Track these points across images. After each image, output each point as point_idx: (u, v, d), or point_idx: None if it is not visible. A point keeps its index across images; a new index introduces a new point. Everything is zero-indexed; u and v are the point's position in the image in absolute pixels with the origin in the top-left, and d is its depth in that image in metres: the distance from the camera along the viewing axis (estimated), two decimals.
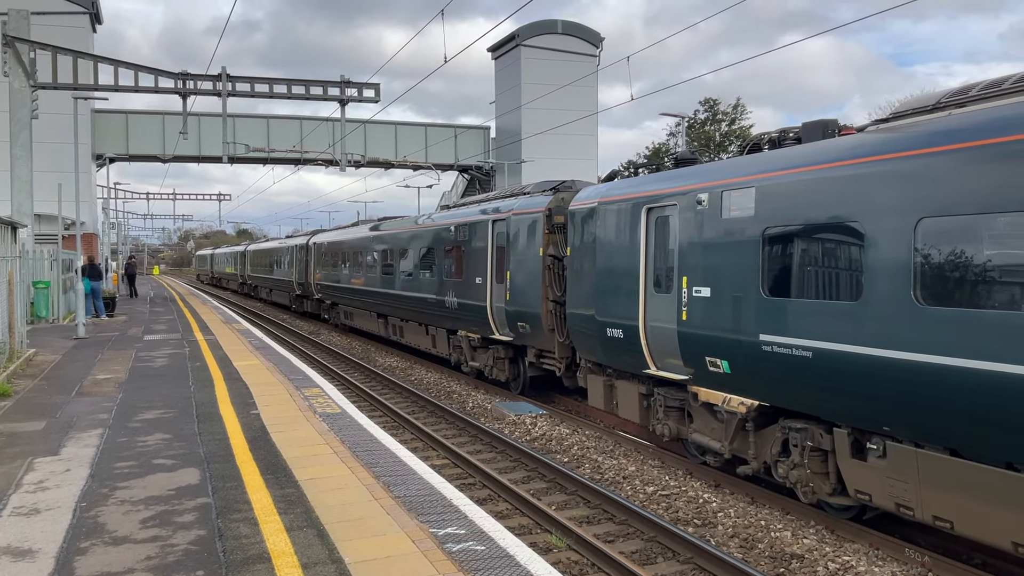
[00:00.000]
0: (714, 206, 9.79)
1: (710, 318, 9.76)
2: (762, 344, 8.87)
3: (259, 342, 20.40)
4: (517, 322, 15.77)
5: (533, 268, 15.18)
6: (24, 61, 24.54)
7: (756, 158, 9.66)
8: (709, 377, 9.95)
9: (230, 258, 70.02)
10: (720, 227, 9.72)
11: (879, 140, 7.83)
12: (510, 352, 16.98)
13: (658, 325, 10.91)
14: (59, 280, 27.31)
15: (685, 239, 10.34)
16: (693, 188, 10.27)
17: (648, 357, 11.23)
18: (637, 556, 8.29)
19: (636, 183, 12.10)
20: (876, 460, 7.79)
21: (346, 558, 5.72)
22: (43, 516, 6.66)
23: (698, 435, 10.66)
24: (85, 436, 9.60)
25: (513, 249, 15.96)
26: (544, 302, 14.81)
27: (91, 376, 14.45)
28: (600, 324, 12.33)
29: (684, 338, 10.29)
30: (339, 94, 27.03)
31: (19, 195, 25.06)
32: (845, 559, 7.98)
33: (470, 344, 18.47)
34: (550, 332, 14.84)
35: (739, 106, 64.78)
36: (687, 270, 10.25)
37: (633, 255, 11.54)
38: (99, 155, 43.27)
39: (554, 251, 14.78)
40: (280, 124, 46.14)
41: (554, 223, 14.87)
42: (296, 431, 9.86)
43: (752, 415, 9.43)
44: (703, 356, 9.92)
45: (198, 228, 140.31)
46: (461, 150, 48.30)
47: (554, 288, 14.72)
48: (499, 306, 16.51)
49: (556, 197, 15.14)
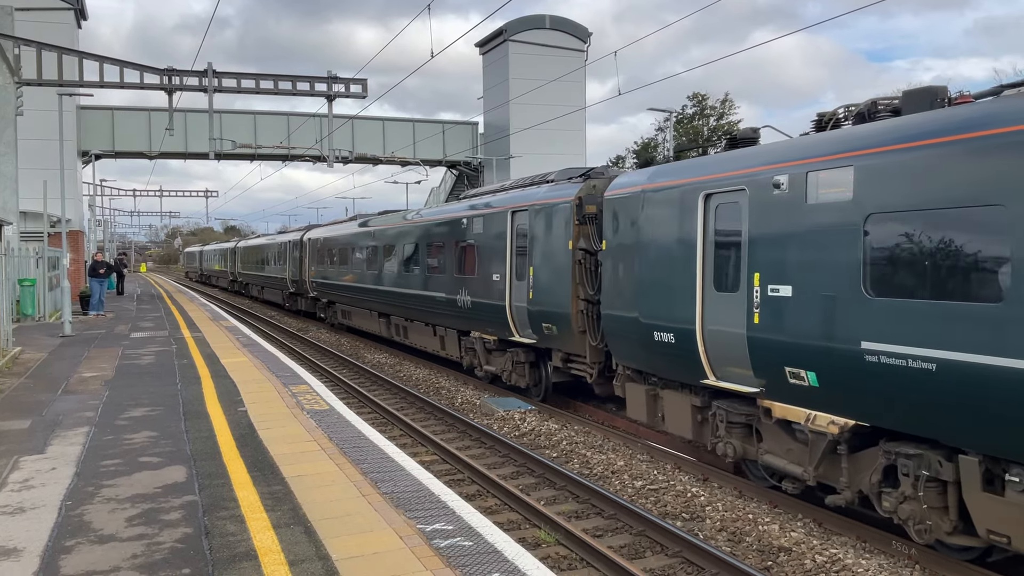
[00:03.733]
0: (797, 190, 8.41)
1: (792, 322, 8.39)
2: (865, 353, 7.50)
3: (247, 339, 20.33)
4: (541, 323, 14.44)
5: (561, 264, 13.83)
6: (8, 57, 24.33)
7: (853, 132, 8.22)
8: (788, 390, 8.58)
9: (220, 255, 68.12)
10: (806, 214, 8.31)
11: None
12: (531, 356, 15.61)
13: (720, 329, 9.57)
14: (45, 278, 27.13)
15: (757, 229, 8.96)
16: (767, 169, 8.87)
17: (706, 366, 9.85)
18: (626, 550, 8.31)
19: (687, 167, 10.75)
20: (1019, 495, 6.54)
21: (333, 555, 5.70)
22: (28, 515, 6.62)
23: (771, 457, 9.24)
24: (71, 434, 9.55)
25: (537, 243, 14.61)
26: (574, 301, 13.49)
27: (77, 374, 14.36)
28: (645, 327, 10.94)
29: (756, 345, 8.93)
30: (326, 90, 26.91)
31: (4, 192, 24.87)
32: (832, 552, 8.02)
33: (485, 347, 17.11)
34: (580, 334, 13.55)
35: (727, 101, 65.02)
36: (760, 266, 8.87)
37: (687, 249, 10.19)
38: (85, 152, 42.96)
39: (585, 245, 13.37)
40: (267, 120, 45.86)
41: (585, 213, 13.44)
42: (284, 428, 9.83)
43: (845, 436, 8.06)
44: (781, 366, 8.55)
45: (185, 225, 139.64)
46: (449, 146, 48.19)
47: (586, 286, 13.37)
48: (520, 305, 15.15)
49: (587, 185, 13.70)
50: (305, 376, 14.18)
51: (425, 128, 48.96)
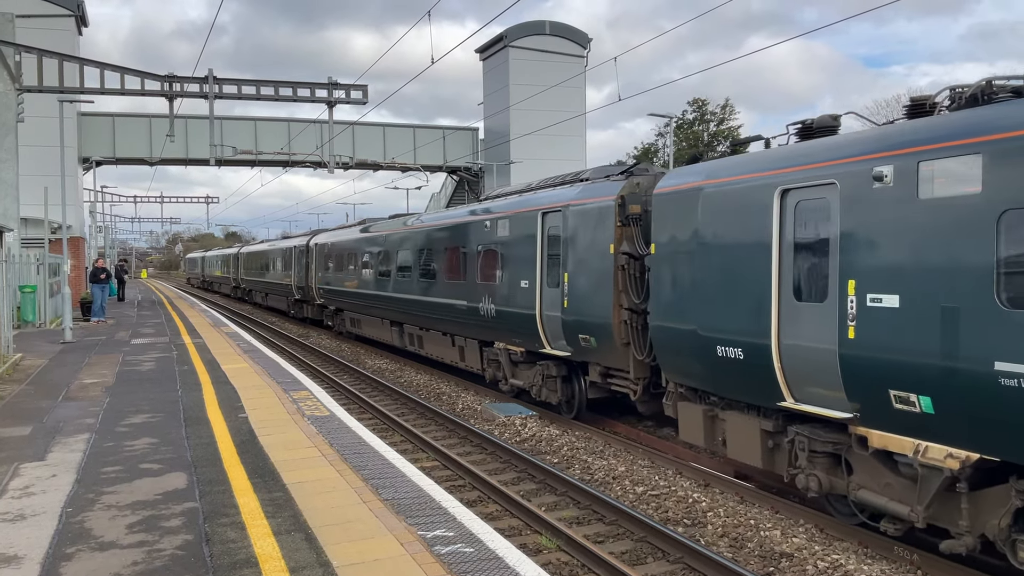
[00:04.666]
0: (905, 182, 7.26)
1: (900, 337, 7.24)
2: (999, 376, 6.41)
3: (248, 345, 20.32)
4: (578, 334, 13.27)
5: (601, 269, 12.67)
6: (9, 64, 24.37)
7: (980, 114, 6.98)
8: (891, 417, 7.48)
9: (222, 261, 67.02)
10: (918, 211, 7.16)
11: None
12: (563, 369, 14.43)
13: (802, 344, 8.45)
14: (45, 284, 27.15)
15: (852, 229, 7.82)
16: (865, 159, 7.71)
17: (783, 385, 8.72)
18: (627, 556, 8.29)
19: (754, 160, 9.61)
20: None
21: (334, 562, 5.69)
22: (28, 522, 6.61)
23: (867, 493, 8.09)
24: (71, 441, 9.54)
25: (572, 246, 13.42)
26: (616, 310, 12.31)
27: (78, 380, 14.36)
28: (705, 341, 9.78)
29: (851, 363, 7.78)
30: (327, 96, 26.93)
31: (5, 199, 24.86)
32: (834, 557, 8.01)
33: (510, 359, 15.88)
34: (623, 347, 12.38)
35: (727, 106, 65.12)
36: (856, 271, 7.73)
37: (758, 252, 9.03)
38: (86, 158, 43.03)
39: (629, 248, 12.20)
40: (268, 126, 45.93)
41: (628, 214, 12.30)
42: (284, 434, 9.82)
43: (967, 472, 6.96)
44: (884, 389, 7.44)
45: (186, 231, 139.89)
46: (449, 151, 48.25)
47: (630, 293, 12.21)
48: (552, 315, 13.96)
49: (630, 183, 12.57)
50: (306, 382, 14.17)
51: (425, 134, 49.02)
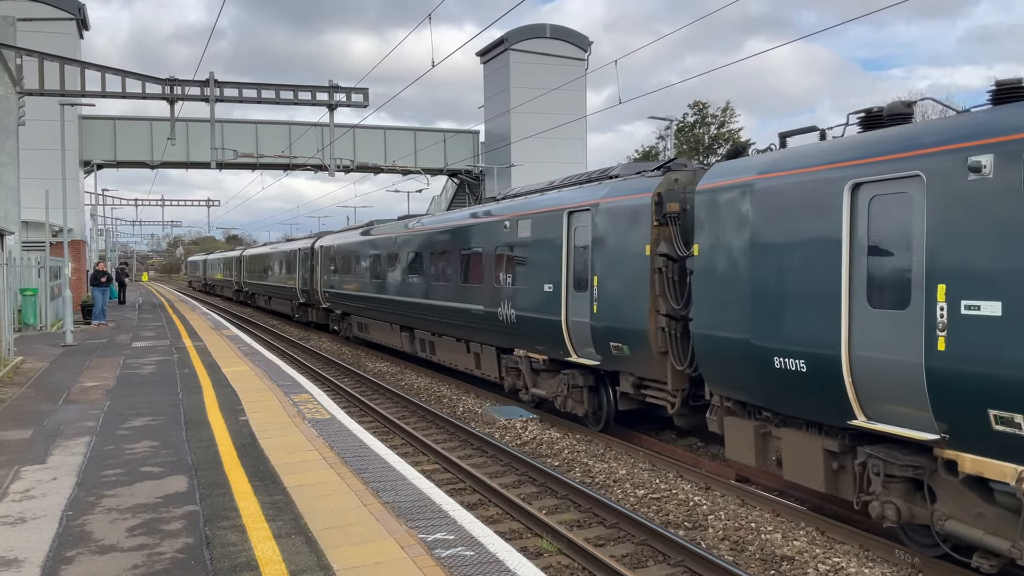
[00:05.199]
0: (1009, 174, 6.46)
1: (1002, 349, 6.48)
2: None
3: (248, 348, 20.33)
4: (609, 342, 12.41)
5: (635, 272, 11.81)
6: (10, 68, 24.40)
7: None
8: (989, 439, 6.73)
9: (225, 264, 66.04)
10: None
11: None
12: (590, 379, 13.53)
13: (878, 357, 7.62)
14: (46, 287, 27.16)
15: (942, 227, 7.01)
16: (957, 148, 6.91)
17: (854, 402, 7.89)
18: (628, 560, 8.28)
19: (816, 152, 8.71)
20: None
21: (334, 565, 5.69)
22: (29, 525, 6.60)
23: (956, 524, 7.27)
24: (72, 444, 9.54)
25: (602, 248, 12.57)
26: (652, 316, 11.44)
27: (78, 383, 14.36)
28: (760, 351, 8.91)
29: (941, 379, 6.95)
30: (327, 99, 26.95)
31: (6, 202, 24.87)
32: (835, 560, 7.99)
33: (532, 367, 15.08)
34: (660, 356, 11.49)
35: (728, 109, 65.14)
36: (947, 275, 6.93)
37: (825, 253, 8.18)
38: (87, 161, 43.07)
39: (667, 249, 11.36)
40: (268, 129, 45.96)
41: (666, 212, 11.42)
42: (285, 437, 9.82)
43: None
44: (981, 408, 6.68)
45: (187, 234, 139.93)
46: (450, 154, 48.28)
47: (668, 298, 11.34)
48: (579, 320, 13.11)
49: (667, 179, 11.71)
50: (306, 385, 14.17)
51: (426, 137, 49.06)
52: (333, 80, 26.75)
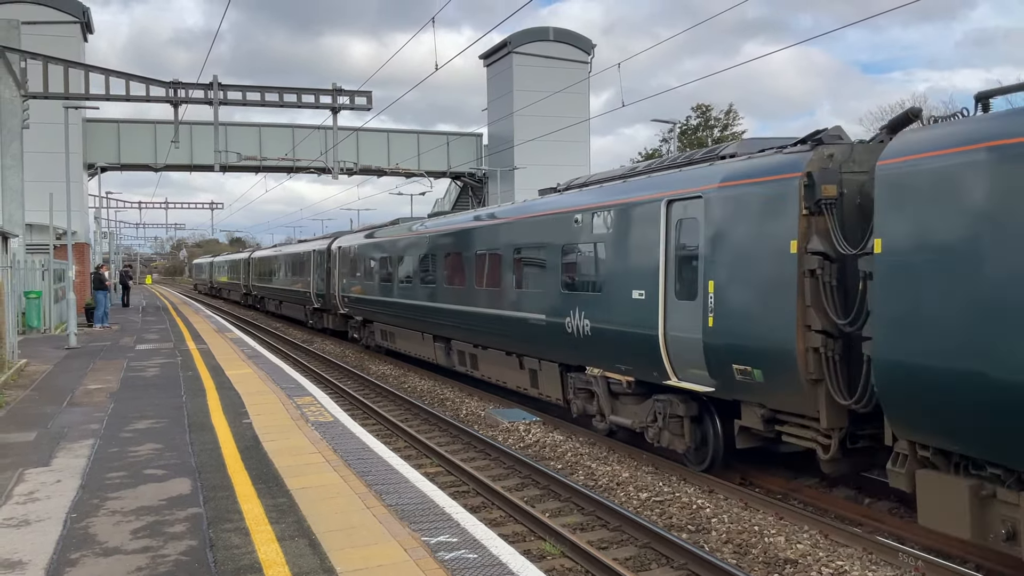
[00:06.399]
0: None
1: None
2: None
3: (252, 351, 20.36)
4: (731, 364, 9.76)
5: (775, 275, 9.21)
6: (15, 71, 24.48)
7: None
8: None
9: (232, 266, 63.22)
10: None
11: None
12: (693, 408, 11.03)
13: None
14: (51, 290, 27.23)
15: None
16: None
17: None
18: (631, 563, 8.28)
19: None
20: None
21: (338, 567, 5.70)
22: (33, 527, 6.62)
23: None
24: (76, 446, 9.56)
25: (722, 244, 9.97)
26: (801, 332, 8.79)
27: (82, 386, 14.39)
28: (1003, 387, 6.39)
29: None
30: (331, 102, 27.03)
31: (11, 205, 24.97)
32: (839, 564, 7.98)
33: (610, 389, 12.60)
34: (810, 384, 8.80)
35: (731, 112, 65.18)
36: None
37: None
38: (91, 164, 43.17)
39: (823, 246, 8.68)
40: (272, 132, 46.02)
41: (820, 198, 8.70)
42: (288, 440, 9.83)
43: None
44: None
45: (190, 237, 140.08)
46: (453, 157, 48.32)
47: (826, 309, 8.64)
48: (684, 336, 10.51)
49: (818, 154, 8.95)
50: (310, 388, 14.19)
51: (429, 139, 49.10)
52: (336, 83, 26.83)
